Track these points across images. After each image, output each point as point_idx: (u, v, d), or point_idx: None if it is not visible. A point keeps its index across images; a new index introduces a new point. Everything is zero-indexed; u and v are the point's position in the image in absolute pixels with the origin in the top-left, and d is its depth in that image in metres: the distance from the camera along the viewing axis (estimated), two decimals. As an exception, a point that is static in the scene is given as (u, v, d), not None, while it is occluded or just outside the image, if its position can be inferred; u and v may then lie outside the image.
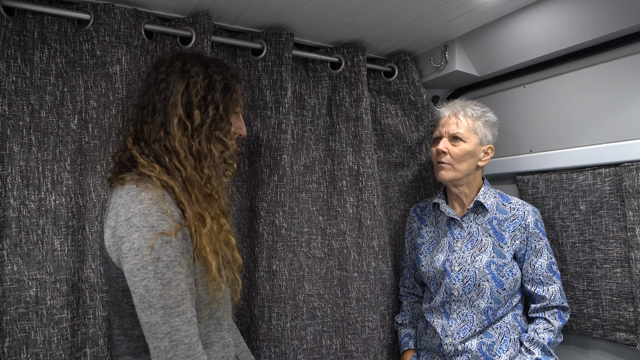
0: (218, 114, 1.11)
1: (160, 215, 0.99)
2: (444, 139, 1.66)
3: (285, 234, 1.65)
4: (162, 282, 0.97)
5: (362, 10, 1.57)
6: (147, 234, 0.97)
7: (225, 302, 1.16)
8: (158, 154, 1.07)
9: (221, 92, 1.12)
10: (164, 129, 1.07)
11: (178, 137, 1.06)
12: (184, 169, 1.06)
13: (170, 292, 0.98)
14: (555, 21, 1.58)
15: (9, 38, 1.35)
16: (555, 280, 1.62)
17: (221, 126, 1.12)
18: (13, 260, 1.31)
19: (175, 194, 1.04)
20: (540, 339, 1.56)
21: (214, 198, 1.10)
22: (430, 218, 1.81)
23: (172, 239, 0.99)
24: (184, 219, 1.03)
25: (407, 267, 1.90)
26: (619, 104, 1.56)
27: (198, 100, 1.09)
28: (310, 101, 1.84)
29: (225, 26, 1.67)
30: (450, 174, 1.65)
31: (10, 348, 1.28)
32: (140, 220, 0.98)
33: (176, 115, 1.07)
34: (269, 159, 1.66)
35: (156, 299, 0.97)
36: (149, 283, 0.97)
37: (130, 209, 1.00)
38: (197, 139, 1.09)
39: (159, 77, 1.11)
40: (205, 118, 1.09)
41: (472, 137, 1.65)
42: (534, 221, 1.64)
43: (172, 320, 0.97)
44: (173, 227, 0.99)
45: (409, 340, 1.80)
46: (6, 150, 1.33)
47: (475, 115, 1.67)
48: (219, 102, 1.12)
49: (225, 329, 1.16)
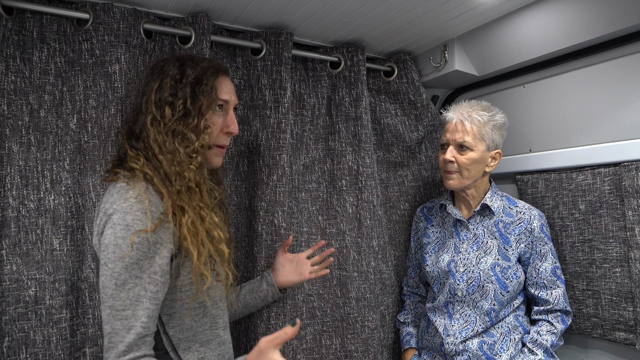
0: (186, 107, 1.11)
1: (139, 215, 1.00)
2: (450, 148, 1.65)
3: (285, 234, 1.65)
4: (116, 282, 0.98)
5: (361, 9, 1.57)
6: (119, 232, 0.98)
7: (218, 299, 1.16)
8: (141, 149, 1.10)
9: (190, 85, 1.12)
10: (145, 127, 1.10)
11: (153, 134, 1.08)
12: (161, 164, 1.08)
13: (120, 294, 0.98)
14: (555, 21, 1.57)
15: (8, 37, 1.34)
16: (559, 284, 1.63)
17: (188, 121, 1.11)
18: (12, 260, 1.31)
19: (156, 185, 1.05)
20: (544, 340, 1.57)
21: (194, 191, 1.10)
22: (436, 218, 1.82)
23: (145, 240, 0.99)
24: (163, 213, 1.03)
25: (412, 267, 1.90)
26: (619, 104, 1.56)
27: (167, 96, 1.11)
28: (310, 101, 1.84)
29: (225, 26, 1.67)
30: (457, 182, 1.65)
31: (10, 348, 1.28)
32: (118, 218, 0.99)
33: (150, 112, 1.10)
34: (268, 158, 1.66)
35: (107, 297, 0.98)
36: (105, 280, 0.99)
37: (114, 205, 1.02)
38: (169, 135, 1.10)
39: (145, 80, 1.16)
40: (175, 113, 1.10)
41: (479, 145, 1.63)
42: (540, 225, 1.64)
43: (114, 322, 0.97)
44: (149, 226, 0.99)
45: (410, 339, 1.81)
46: (5, 150, 1.33)
47: (482, 120, 1.63)
48: (187, 96, 1.11)
49: (220, 327, 1.16)
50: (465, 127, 1.63)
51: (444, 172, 1.68)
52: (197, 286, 1.07)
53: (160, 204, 1.04)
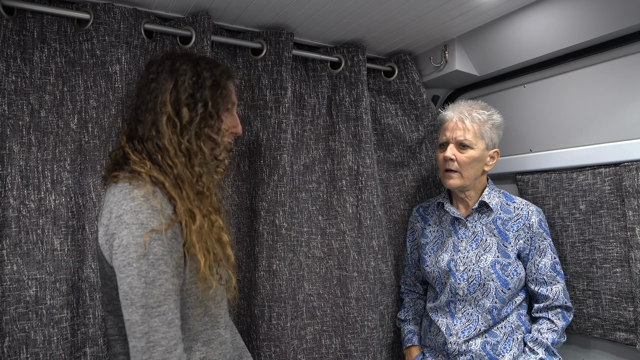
0: (207, 111, 1.11)
1: (150, 212, 0.99)
2: (450, 146, 1.64)
3: (285, 234, 1.65)
4: (146, 281, 0.97)
5: (361, 9, 1.57)
6: (136, 231, 0.98)
7: (220, 299, 1.16)
8: (150, 151, 1.08)
9: (210, 89, 1.12)
10: (155, 127, 1.08)
11: (167, 135, 1.07)
12: (175, 166, 1.07)
13: (152, 291, 0.97)
14: (555, 21, 1.58)
15: (8, 38, 1.34)
16: (559, 280, 1.62)
17: (210, 124, 1.12)
18: (13, 260, 1.31)
19: (166, 189, 1.04)
20: (544, 339, 1.56)
21: (205, 195, 1.10)
22: (433, 218, 1.81)
23: (162, 236, 0.99)
24: (175, 214, 1.03)
25: (408, 266, 1.90)
26: (619, 104, 1.56)
27: (186, 97, 1.09)
28: (310, 101, 1.84)
29: (225, 26, 1.67)
30: (458, 181, 1.65)
31: (10, 348, 1.28)
32: (130, 218, 0.98)
33: (165, 113, 1.08)
34: (269, 158, 1.66)
35: (138, 297, 0.97)
36: (132, 280, 0.97)
37: (122, 206, 1.00)
38: (187, 137, 1.09)
39: (150, 77, 1.12)
40: (194, 116, 1.10)
41: (479, 143, 1.63)
42: (538, 221, 1.64)
43: (152, 320, 0.97)
44: (163, 224, 1.00)
45: (412, 337, 1.80)
46: (6, 150, 1.33)
47: (482, 119, 1.63)
48: (208, 99, 1.11)
49: (222, 327, 1.16)
50: (466, 125, 1.63)
51: (444, 172, 1.67)
52: (203, 292, 1.07)
53: (169, 206, 1.03)
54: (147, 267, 0.97)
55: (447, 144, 1.66)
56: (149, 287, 0.97)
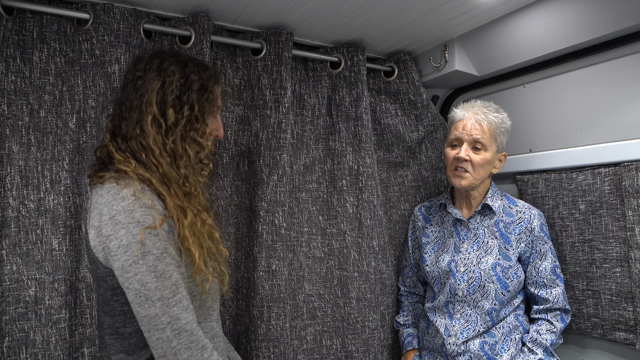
0: (193, 114, 1.11)
1: (144, 210, 1.00)
2: (465, 146, 1.63)
3: (285, 234, 1.65)
4: (156, 275, 0.98)
5: (361, 9, 1.57)
6: (134, 230, 0.98)
7: (213, 292, 1.17)
8: (134, 150, 1.07)
9: (197, 92, 1.12)
10: (139, 126, 1.08)
11: (152, 135, 1.07)
12: (160, 166, 1.07)
13: (164, 282, 0.99)
14: (555, 21, 1.57)
15: (8, 37, 1.34)
16: (559, 283, 1.63)
17: (196, 127, 1.12)
18: (12, 260, 1.31)
19: (154, 186, 1.05)
20: (543, 339, 1.57)
21: (193, 195, 1.11)
22: (435, 218, 1.81)
23: (159, 231, 1.00)
24: (166, 209, 1.04)
25: (409, 266, 1.90)
26: (619, 104, 1.56)
27: (172, 99, 1.09)
28: (310, 101, 1.84)
29: (225, 26, 1.67)
30: (468, 182, 1.64)
31: (10, 348, 1.28)
32: (125, 217, 0.99)
33: (150, 113, 1.07)
34: (269, 158, 1.66)
35: (152, 292, 0.98)
36: (143, 277, 0.98)
37: (113, 207, 1.00)
38: (172, 138, 1.09)
39: (137, 74, 1.11)
40: (180, 118, 1.10)
41: (492, 146, 1.64)
42: (540, 225, 1.65)
43: (171, 309, 0.98)
44: (157, 219, 1.01)
45: (412, 340, 1.80)
46: (5, 150, 1.33)
47: (496, 122, 1.64)
48: (195, 103, 1.11)
49: (214, 319, 1.17)
50: (483, 128, 1.62)
51: (454, 170, 1.65)
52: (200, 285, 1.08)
53: (159, 201, 1.04)
54: (154, 262, 0.98)
55: (461, 143, 1.64)
56: (161, 279, 0.98)
